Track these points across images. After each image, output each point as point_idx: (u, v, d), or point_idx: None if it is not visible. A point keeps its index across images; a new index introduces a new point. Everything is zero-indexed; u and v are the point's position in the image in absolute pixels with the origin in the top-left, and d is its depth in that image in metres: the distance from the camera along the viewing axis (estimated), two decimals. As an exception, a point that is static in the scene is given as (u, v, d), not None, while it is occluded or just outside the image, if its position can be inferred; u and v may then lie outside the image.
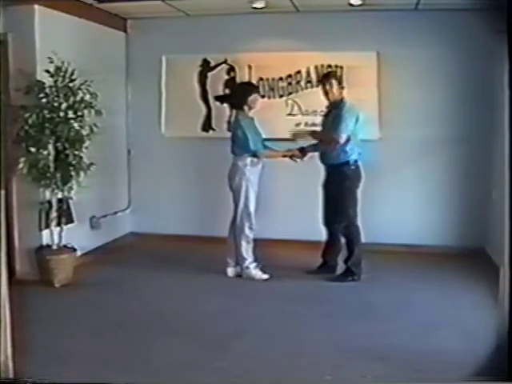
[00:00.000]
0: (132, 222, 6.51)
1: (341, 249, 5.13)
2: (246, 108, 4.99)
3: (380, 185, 5.83)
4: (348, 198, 4.92)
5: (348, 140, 4.83)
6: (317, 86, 5.72)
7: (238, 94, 5.12)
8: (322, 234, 5.20)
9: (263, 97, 6.04)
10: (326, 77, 5.08)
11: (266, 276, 5.02)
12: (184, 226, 6.30)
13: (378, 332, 3.85)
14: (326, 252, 5.17)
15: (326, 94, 4.97)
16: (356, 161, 4.93)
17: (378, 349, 3.56)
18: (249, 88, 5.17)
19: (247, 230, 4.99)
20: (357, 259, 4.95)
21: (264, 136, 5.12)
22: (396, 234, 5.86)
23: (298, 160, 5.07)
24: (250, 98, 4.97)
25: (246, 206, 4.95)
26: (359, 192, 5.02)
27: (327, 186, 5.04)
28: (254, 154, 4.92)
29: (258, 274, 5.03)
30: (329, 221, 5.07)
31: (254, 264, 5.07)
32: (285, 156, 5.11)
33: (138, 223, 6.48)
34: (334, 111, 4.96)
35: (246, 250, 5.02)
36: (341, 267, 5.08)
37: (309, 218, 5.38)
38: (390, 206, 5.93)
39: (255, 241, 5.09)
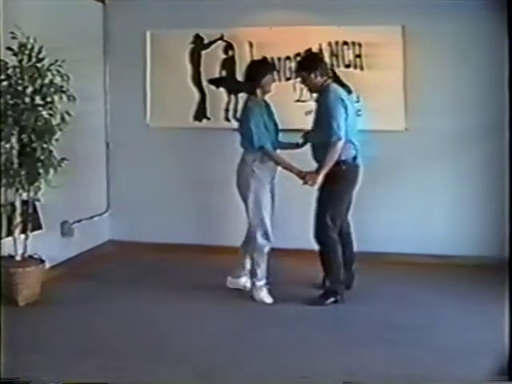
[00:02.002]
0: (111, 228, 6.51)
1: (349, 256, 5.02)
2: (258, 92, 4.83)
3: (406, 184, 5.88)
4: (329, 204, 4.77)
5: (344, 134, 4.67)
6: (331, 66, 5.70)
7: (250, 74, 4.92)
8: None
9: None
10: (296, 69, 5.03)
11: (270, 300, 4.88)
12: (173, 233, 6.28)
13: (401, 358, 3.86)
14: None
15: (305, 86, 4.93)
16: (354, 158, 4.79)
17: (401, 377, 3.56)
18: (262, 67, 5.00)
19: (260, 240, 4.82)
20: (337, 277, 4.82)
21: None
22: (423, 243, 5.86)
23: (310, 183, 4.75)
24: (265, 80, 4.82)
25: (258, 210, 4.79)
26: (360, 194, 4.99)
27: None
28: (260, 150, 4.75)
29: (263, 295, 4.89)
30: None
31: (264, 282, 4.92)
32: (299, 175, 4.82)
33: (118, 229, 6.48)
34: (319, 103, 4.87)
35: (259, 266, 4.86)
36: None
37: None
38: (416, 209, 5.93)
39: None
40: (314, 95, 5.19)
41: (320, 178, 4.67)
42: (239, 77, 6.06)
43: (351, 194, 4.93)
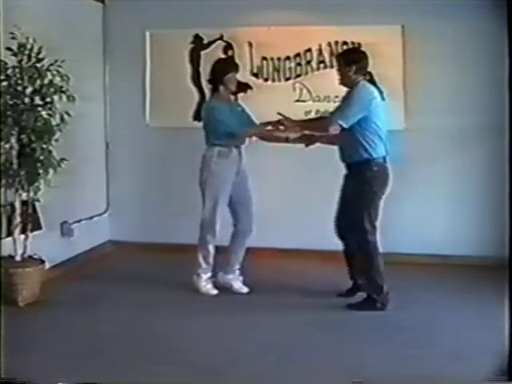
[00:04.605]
0: (111, 229, 6.50)
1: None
2: (221, 89, 4.98)
3: (405, 183, 5.80)
4: (365, 206, 4.68)
5: (375, 132, 4.62)
6: (331, 66, 5.70)
7: (213, 72, 5.08)
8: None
9: (266, 80, 6.08)
10: (337, 55, 5.03)
11: (215, 292, 5.06)
12: (172, 233, 6.27)
13: (401, 358, 3.84)
14: (351, 270, 4.95)
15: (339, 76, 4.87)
16: (384, 159, 4.70)
17: (401, 377, 3.54)
18: (225, 65, 5.18)
19: (208, 238, 5.03)
20: (376, 283, 4.71)
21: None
22: (424, 243, 5.85)
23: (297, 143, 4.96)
24: (226, 77, 4.95)
25: (212, 206, 4.95)
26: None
27: (344, 189, 4.86)
28: (228, 141, 4.88)
29: (206, 287, 5.08)
30: (342, 231, 4.91)
31: (208, 275, 5.10)
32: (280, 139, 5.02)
33: (117, 230, 6.47)
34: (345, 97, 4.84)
35: (205, 259, 5.07)
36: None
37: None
38: (417, 208, 5.92)
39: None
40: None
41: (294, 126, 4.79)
42: (239, 77, 6.06)
43: (382, 196, 4.77)
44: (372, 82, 4.85)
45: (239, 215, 5.09)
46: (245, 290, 5.12)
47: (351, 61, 4.72)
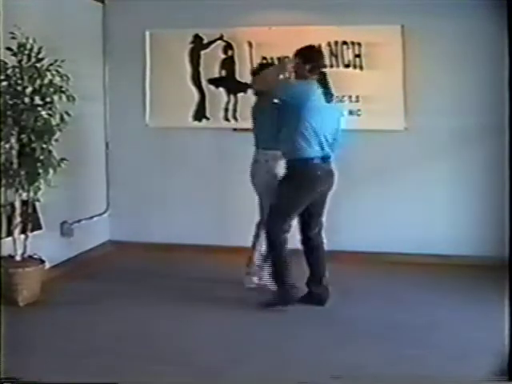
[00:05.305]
0: (111, 229, 6.49)
1: (317, 270, 4.90)
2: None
3: (405, 184, 5.84)
4: (281, 201, 4.63)
5: (307, 133, 4.54)
6: (330, 66, 5.70)
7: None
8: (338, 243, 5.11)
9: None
10: (295, 53, 4.92)
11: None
12: (172, 233, 6.26)
13: (401, 358, 3.83)
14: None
15: None
16: (319, 160, 4.59)
17: (401, 377, 3.54)
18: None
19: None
20: (279, 281, 4.72)
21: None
22: (424, 243, 5.84)
23: None
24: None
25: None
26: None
27: None
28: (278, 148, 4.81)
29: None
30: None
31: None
32: None
33: (117, 230, 6.46)
34: None
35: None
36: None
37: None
38: (416, 208, 5.90)
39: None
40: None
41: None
42: (239, 77, 6.09)
43: (311, 200, 4.67)
44: (324, 82, 4.78)
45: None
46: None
47: (308, 59, 4.73)
